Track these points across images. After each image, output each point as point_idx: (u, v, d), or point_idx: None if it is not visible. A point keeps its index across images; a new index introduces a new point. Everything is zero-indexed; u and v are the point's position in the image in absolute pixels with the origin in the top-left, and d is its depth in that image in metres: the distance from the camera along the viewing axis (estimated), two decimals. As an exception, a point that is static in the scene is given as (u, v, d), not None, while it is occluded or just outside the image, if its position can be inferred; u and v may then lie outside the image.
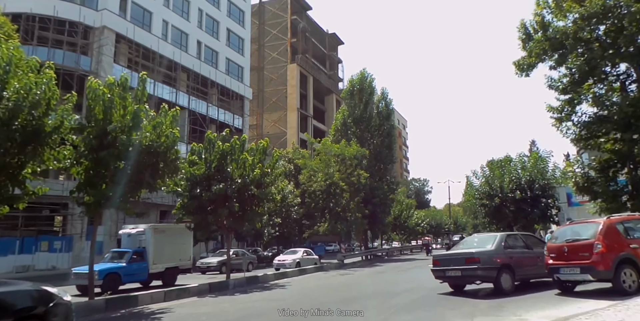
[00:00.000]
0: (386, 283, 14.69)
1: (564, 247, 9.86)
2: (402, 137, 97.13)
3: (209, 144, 16.65)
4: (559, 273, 9.92)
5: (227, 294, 14.07)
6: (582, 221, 10.54)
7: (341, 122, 32.15)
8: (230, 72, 47.55)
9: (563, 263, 9.81)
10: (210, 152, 16.60)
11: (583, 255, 9.37)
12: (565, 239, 10.05)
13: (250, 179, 16.71)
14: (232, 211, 16.24)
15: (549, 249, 10.50)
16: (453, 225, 55.99)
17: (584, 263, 9.27)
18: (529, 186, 23.24)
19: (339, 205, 26.75)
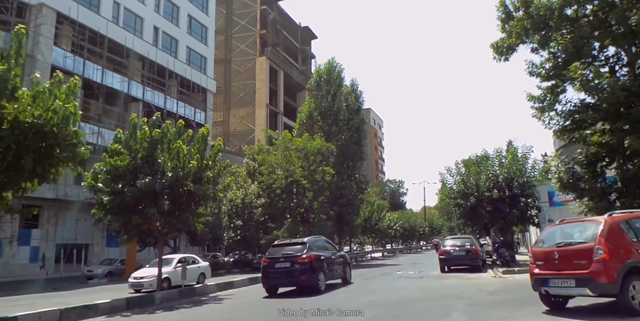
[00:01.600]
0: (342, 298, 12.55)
1: (554, 253, 7.90)
2: (377, 138, 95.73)
3: (134, 130, 14.19)
4: (548, 285, 7.95)
5: (146, 312, 11.68)
6: (577, 220, 8.61)
7: (307, 115, 29.97)
8: (191, 62, 44.85)
9: (553, 273, 7.85)
10: (136, 140, 14.14)
11: (579, 263, 7.42)
12: (555, 243, 8.09)
13: (185, 173, 14.34)
14: (161, 210, 13.85)
15: (534, 255, 8.54)
16: (428, 228, 54.47)
17: (580, 273, 7.32)
18: (507, 184, 21.57)
19: (301, 206, 24.53)
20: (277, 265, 12.99)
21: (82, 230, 32.86)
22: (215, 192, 15.67)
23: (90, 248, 34.26)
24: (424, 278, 16.49)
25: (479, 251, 18.84)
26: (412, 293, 12.20)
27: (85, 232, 33.19)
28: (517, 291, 11.63)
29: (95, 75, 34.07)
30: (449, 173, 22.94)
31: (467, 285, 13.73)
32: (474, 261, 18.47)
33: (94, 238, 34.46)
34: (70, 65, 32.52)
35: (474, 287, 12.93)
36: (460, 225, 23.88)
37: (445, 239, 20.26)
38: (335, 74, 30.36)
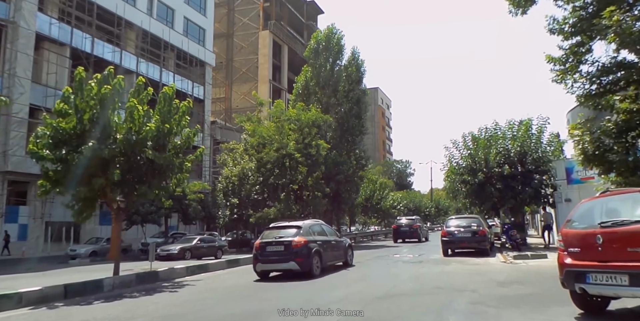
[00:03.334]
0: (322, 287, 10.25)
1: (596, 236, 5.42)
2: (385, 118, 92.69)
3: (80, 86, 11.77)
4: (586, 281, 5.51)
5: (83, 302, 9.49)
6: (628, 191, 6.05)
7: (303, 85, 27.28)
8: (189, 34, 42.10)
9: (594, 265, 5.40)
10: (82, 98, 11.74)
11: (636, 252, 4.97)
12: (598, 223, 5.61)
13: (141, 138, 11.98)
14: (111, 181, 11.56)
15: (566, 239, 6.08)
16: (434, 209, 51.98)
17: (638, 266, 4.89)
18: (520, 159, 18.95)
19: (294, 182, 22.16)
20: (268, 249, 12.16)
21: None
22: (182, 162, 13.31)
23: (82, 226, 32.33)
24: (422, 263, 14.12)
25: (487, 232, 16.38)
26: (404, 283, 9.85)
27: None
28: (534, 283, 9.22)
29: (83, 44, 31.64)
30: (455, 146, 20.33)
31: (472, 272, 11.34)
32: (481, 244, 16.03)
33: (86, 215, 32.50)
34: (56, 33, 30.10)
35: (480, 276, 10.53)
36: (466, 204, 21.37)
37: (449, 219, 17.80)
38: (335, 41, 27.52)
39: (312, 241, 12.18)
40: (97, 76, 12.65)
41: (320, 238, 12.82)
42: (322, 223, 14.36)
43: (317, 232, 13.07)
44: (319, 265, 12.06)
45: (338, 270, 13.21)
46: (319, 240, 12.61)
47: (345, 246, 14.23)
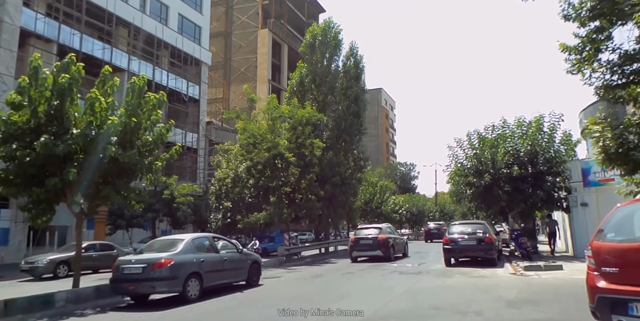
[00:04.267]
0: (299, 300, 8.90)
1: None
2: (389, 120, 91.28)
3: (35, 74, 10.51)
4: (629, 313, 4.15)
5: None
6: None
7: (297, 82, 25.94)
8: (184, 31, 40.97)
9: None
10: (37, 89, 10.48)
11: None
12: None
13: (102, 133, 10.71)
14: (66, 181, 10.28)
15: (598, 255, 4.72)
16: (439, 213, 50.38)
17: None
18: (531, 159, 17.53)
19: (286, 184, 20.82)
20: (361, 242, 18.17)
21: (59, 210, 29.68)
22: (152, 162, 12.02)
23: (69, 230, 31.10)
24: (421, 275, 12.72)
25: (494, 240, 14.94)
26: (396, 301, 8.47)
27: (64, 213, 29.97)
28: (550, 303, 7.82)
29: (71, 41, 30.53)
30: (459, 145, 18.93)
31: (477, 287, 9.94)
32: (487, 252, 14.58)
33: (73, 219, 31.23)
34: (43, 29, 29.03)
35: (486, 292, 9.13)
36: (472, 209, 19.94)
37: (452, 224, 16.35)
38: (332, 36, 26.19)
39: (390, 238, 18.41)
40: (57, 65, 11.43)
41: (392, 235, 19.03)
42: (391, 226, 20.94)
43: (389, 232, 19.19)
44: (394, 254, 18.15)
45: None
46: (392, 237, 18.74)
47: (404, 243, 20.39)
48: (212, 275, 10.55)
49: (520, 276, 12.02)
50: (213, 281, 10.60)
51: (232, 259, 11.43)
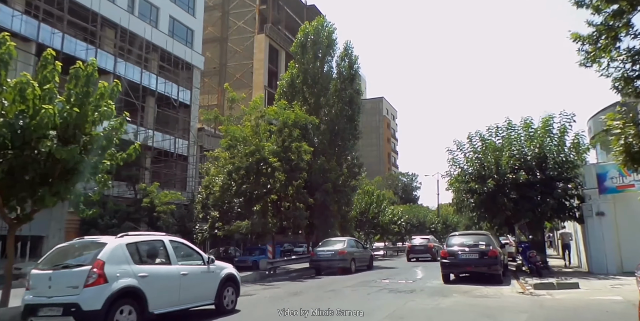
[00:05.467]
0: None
1: None
2: (391, 129, 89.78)
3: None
4: None
5: None
6: None
7: (288, 83, 24.48)
8: (175, 34, 39.78)
9: None
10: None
11: None
12: None
13: (34, 124, 9.18)
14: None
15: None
16: (441, 225, 48.49)
17: None
18: (539, 163, 15.91)
19: (271, 191, 19.20)
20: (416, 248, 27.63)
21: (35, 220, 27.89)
22: (100, 160, 10.46)
23: (45, 240, 29.37)
24: (414, 294, 10.99)
25: (499, 253, 13.21)
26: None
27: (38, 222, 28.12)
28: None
29: (52, 40, 29.27)
30: (459, 148, 17.31)
31: (478, 311, 8.25)
32: (491, 268, 12.83)
33: (50, 229, 29.52)
34: (20, 27, 27.82)
35: (490, 318, 7.46)
36: (474, 218, 18.22)
37: (452, 236, 14.60)
38: (325, 35, 24.81)
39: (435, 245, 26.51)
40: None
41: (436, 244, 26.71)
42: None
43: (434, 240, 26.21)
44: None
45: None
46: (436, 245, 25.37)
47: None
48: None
49: (530, 296, 10.30)
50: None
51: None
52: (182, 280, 8.14)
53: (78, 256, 7.65)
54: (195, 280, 8.47)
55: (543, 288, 11.22)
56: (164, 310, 7.74)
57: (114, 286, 6.96)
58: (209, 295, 8.78)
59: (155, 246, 8.41)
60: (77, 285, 6.84)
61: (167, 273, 8.00)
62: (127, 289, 7.12)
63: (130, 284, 7.18)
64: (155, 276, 7.69)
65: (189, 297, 8.29)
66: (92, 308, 6.69)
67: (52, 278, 7.15)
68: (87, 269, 6.94)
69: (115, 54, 33.84)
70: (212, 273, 9.00)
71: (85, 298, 6.76)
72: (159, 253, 8.27)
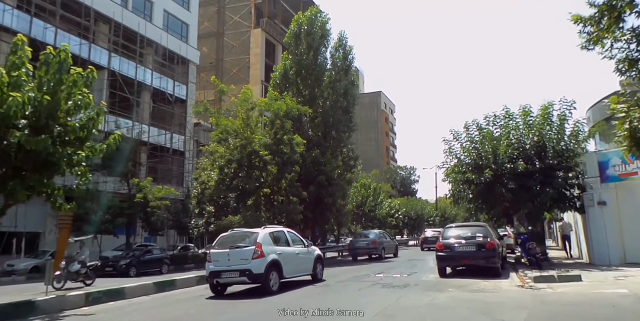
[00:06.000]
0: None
1: None
2: (389, 123, 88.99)
3: None
4: None
5: None
6: None
7: (281, 74, 23.70)
8: (170, 29, 38.99)
9: None
10: None
11: None
12: None
13: (1, 114, 8.48)
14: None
15: None
16: (439, 218, 47.80)
17: None
18: (538, 152, 15.19)
19: (263, 184, 18.52)
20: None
21: (31, 216, 27.32)
22: (75, 151, 9.75)
23: (42, 237, 28.73)
24: (408, 288, 10.32)
25: (497, 245, 12.51)
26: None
27: (34, 218, 27.55)
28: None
29: (44, 35, 28.50)
30: (456, 138, 16.59)
31: (475, 307, 7.57)
32: (489, 260, 12.13)
33: (46, 225, 28.86)
34: (12, 22, 27.10)
35: (487, 315, 6.79)
36: (471, 210, 17.54)
37: (448, 227, 13.88)
38: (319, 25, 24.01)
39: None
40: None
41: None
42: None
43: None
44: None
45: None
46: None
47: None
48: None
49: (530, 290, 9.62)
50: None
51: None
52: (297, 257, 11.79)
53: (242, 241, 10.93)
54: (303, 257, 12.12)
55: (543, 281, 10.54)
56: (289, 276, 11.29)
57: (268, 258, 10.48)
58: (309, 268, 12.35)
59: (281, 234, 11.95)
60: (248, 258, 10.34)
61: (290, 252, 11.58)
62: (274, 261, 10.65)
63: (275, 258, 10.72)
64: (285, 254, 11.23)
65: (300, 269, 11.94)
66: (258, 272, 10.24)
67: (229, 254, 10.57)
68: (253, 248, 10.43)
69: (110, 49, 33.10)
70: (310, 253, 12.55)
71: (254, 266, 10.27)
72: (283, 239, 11.84)
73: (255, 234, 10.86)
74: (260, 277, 10.17)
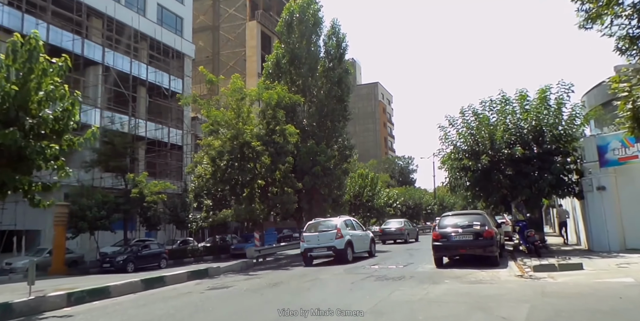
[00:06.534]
0: None
1: None
2: (387, 114, 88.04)
3: None
4: None
5: None
6: None
7: (274, 63, 22.90)
8: (164, 22, 38.09)
9: None
10: None
11: None
12: None
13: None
14: None
15: None
16: (438, 206, 47.19)
17: None
18: (536, 137, 14.49)
19: (257, 176, 17.86)
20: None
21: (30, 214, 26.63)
22: (48, 145, 9.07)
23: (42, 234, 28.07)
24: (403, 281, 9.70)
25: (495, 233, 11.87)
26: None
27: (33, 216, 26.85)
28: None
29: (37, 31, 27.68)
30: (452, 124, 15.87)
31: (472, 301, 6.95)
32: (487, 249, 11.49)
33: (46, 223, 28.16)
34: (1, 18, 26.33)
35: (485, 311, 6.15)
36: (469, 198, 16.87)
37: (444, 216, 13.21)
38: (311, 13, 23.14)
39: None
40: None
41: None
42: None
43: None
44: None
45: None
46: None
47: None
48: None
49: (530, 280, 8.99)
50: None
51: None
52: (360, 238, 15.98)
53: (326, 226, 15.36)
54: (363, 238, 16.32)
55: (543, 270, 9.92)
56: (357, 252, 15.43)
57: (345, 238, 14.75)
58: (366, 247, 16.46)
59: (350, 221, 16.28)
60: (332, 238, 14.58)
61: (356, 234, 15.92)
62: (349, 240, 14.91)
63: (349, 238, 14.98)
64: (354, 235, 15.54)
65: (362, 247, 16.01)
66: (340, 247, 14.51)
67: (319, 236, 14.96)
68: (335, 231, 14.75)
69: (104, 44, 32.30)
70: (367, 235, 16.88)
71: (337, 243, 14.49)
72: (351, 225, 16.00)
73: (335, 221, 15.49)
74: (341, 251, 14.48)
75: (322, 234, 14.76)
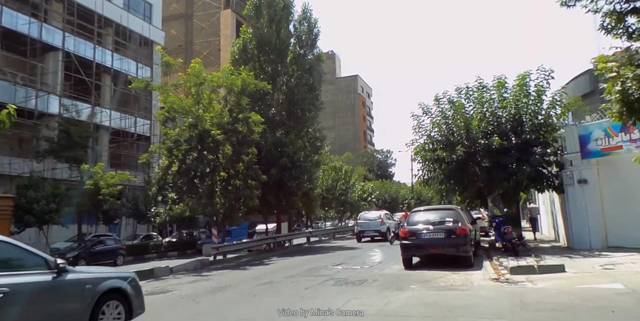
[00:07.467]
0: None
1: None
2: (366, 107, 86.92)
3: None
4: None
5: None
6: None
7: (240, 49, 21.30)
8: (131, 8, 35.94)
9: None
10: None
11: None
12: None
13: None
14: None
15: None
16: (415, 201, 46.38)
17: None
18: (514, 127, 13.37)
19: (218, 168, 16.38)
20: None
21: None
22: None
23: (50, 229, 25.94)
24: (363, 286, 8.41)
25: (469, 231, 10.68)
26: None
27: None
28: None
29: (-15, 11, 25.49)
30: (426, 113, 14.63)
31: (438, 316, 5.68)
32: (460, 249, 10.28)
33: None
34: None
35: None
36: (443, 191, 15.71)
37: (414, 211, 11.98)
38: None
39: None
40: None
41: None
42: None
43: None
44: None
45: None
46: None
47: None
48: None
49: (507, 285, 7.82)
50: None
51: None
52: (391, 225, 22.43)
53: (373, 216, 23.57)
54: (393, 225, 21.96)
55: (522, 273, 8.77)
56: None
57: (386, 225, 22.49)
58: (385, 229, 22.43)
59: (387, 214, 24.11)
60: (378, 224, 22.58)
61: (390, 222, 22.81)
62: (388, 227, 22.20)
63: (389, 225, 22.37)
64: (389, 223, 22.78)
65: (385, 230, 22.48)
66: (383, 231, 22.29)
67: (369, 223, 22.89)
68: (380, 220, 22.78)
69: (64, 28, 30.13)
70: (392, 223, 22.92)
71: (382, 228, 22.43)
72: (387, 216, 23.54)
73: (379, 213, 23.52)
74: (384, 234, 21.64)
75: (372, 222, 22.40)
